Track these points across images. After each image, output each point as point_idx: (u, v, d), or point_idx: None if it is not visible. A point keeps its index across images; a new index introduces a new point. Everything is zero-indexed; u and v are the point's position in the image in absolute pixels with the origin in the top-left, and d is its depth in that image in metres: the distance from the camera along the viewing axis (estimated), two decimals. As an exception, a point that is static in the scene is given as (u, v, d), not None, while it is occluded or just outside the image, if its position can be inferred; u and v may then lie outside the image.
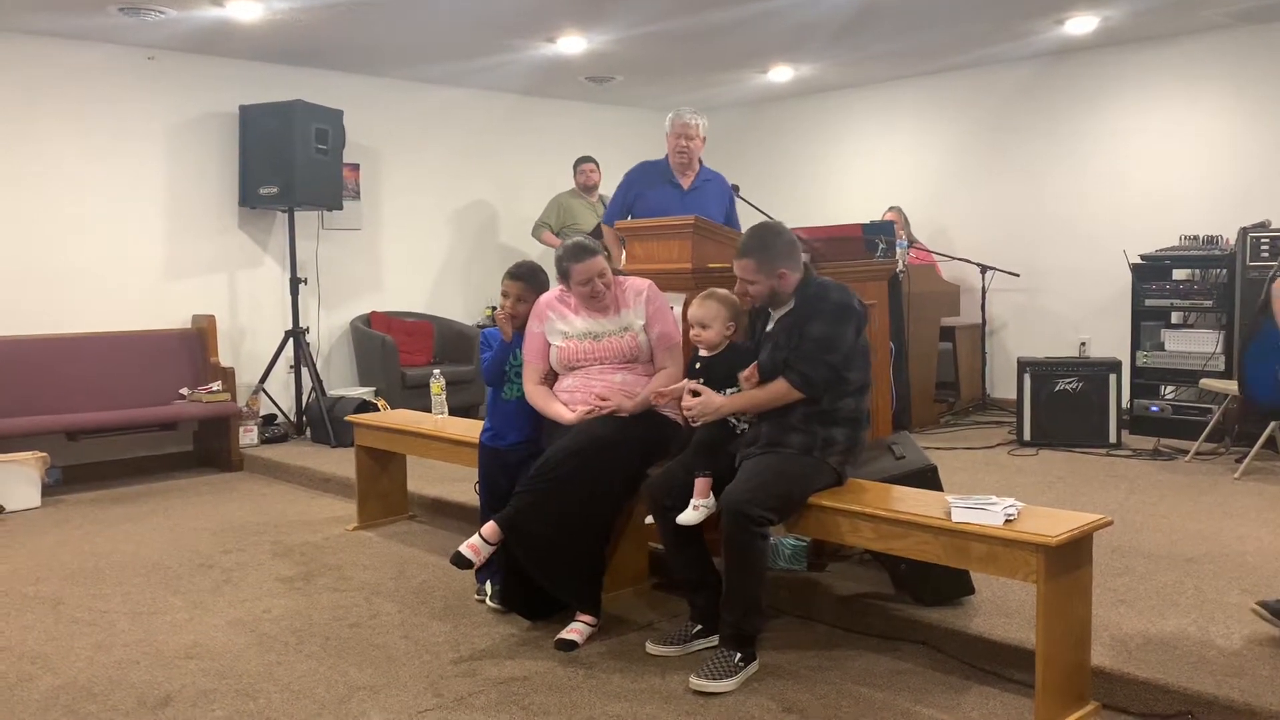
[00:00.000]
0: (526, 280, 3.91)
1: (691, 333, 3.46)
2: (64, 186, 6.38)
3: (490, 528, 3.46)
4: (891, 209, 7.77)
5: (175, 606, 3.92)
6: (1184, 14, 6.36)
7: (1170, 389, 6.42)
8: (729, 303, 3.42)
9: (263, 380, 7.01)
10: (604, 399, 3.64)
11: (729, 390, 3.36)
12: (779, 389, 3.24)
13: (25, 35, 6.16)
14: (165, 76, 6.72)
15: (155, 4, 5.64)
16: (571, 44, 6.72)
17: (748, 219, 5.22)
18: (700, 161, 5.23)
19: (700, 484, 3.28)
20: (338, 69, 7.36)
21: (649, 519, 3.47)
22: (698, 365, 3.46)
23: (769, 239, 3.29)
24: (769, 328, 3.39)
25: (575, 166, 7.68)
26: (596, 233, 5.91)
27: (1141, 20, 6.49)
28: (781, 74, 7.96)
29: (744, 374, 3.31)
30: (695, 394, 3.36)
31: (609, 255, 3.87)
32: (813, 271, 3.38)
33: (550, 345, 3.81)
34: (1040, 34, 6.79)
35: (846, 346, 3.24)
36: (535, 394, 3.83)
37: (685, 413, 3.40)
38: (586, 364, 3.76)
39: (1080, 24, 6.51)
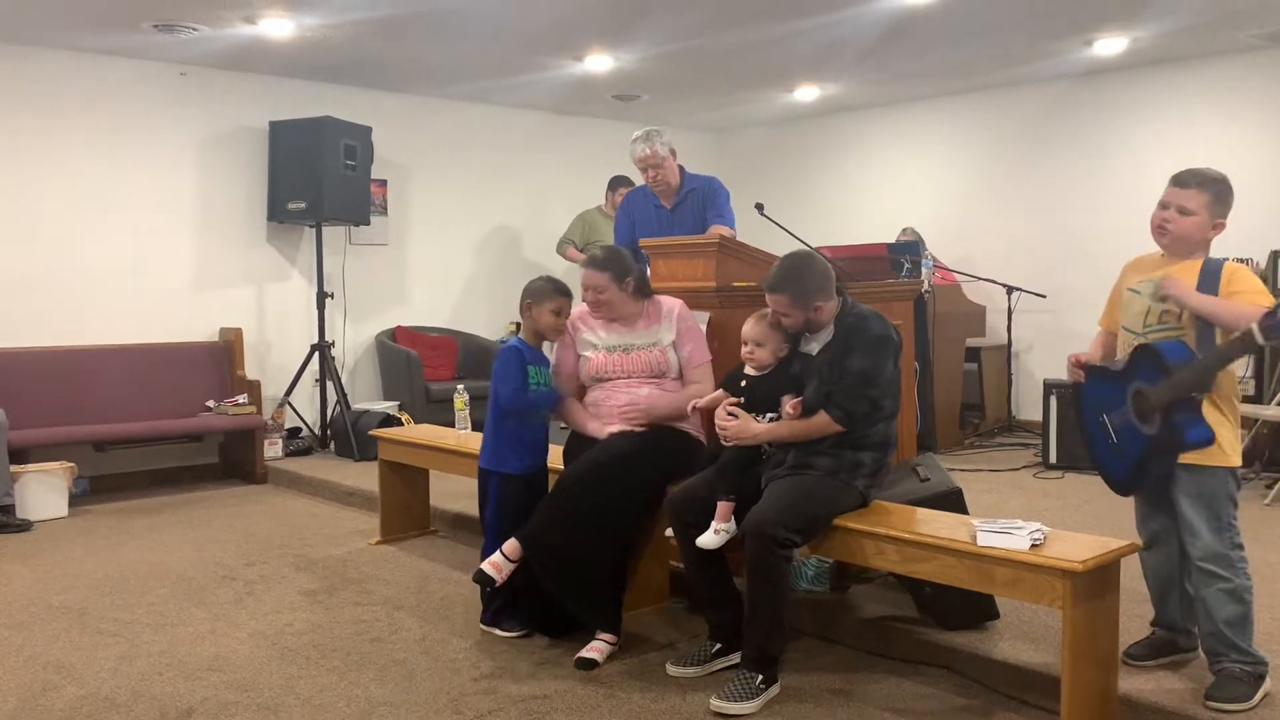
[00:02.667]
0: (570, 295, 3.85)
1: (744, 350, 3.41)
2: (96, 199, 6.47)
3: (512, 545, 3.47)
4: (905, 230, 7.75)
5: (198, 618, 3.94)
6: (1215, 35, 6.32)
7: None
8: (784, 325, 3.38)
9: (288, 393, 7.06)
10: (625, 410, 3.66)
11: (769, 415, 3.33)
12: (820, 422, 3.22)
13: (62, 50, 6.26)
14: (197, 92, 6.81)
15: (189, 21, 5.72)
16: (598, 63, 6.76)
17: (772, 238, 5.22)
18: (682, 170, 5.08)
19: (722, 508, 3.26)
20: (367, 86, 7.43)
21: (669, 531, 3.46)
22: (743, 384, 3.42)
23: (803, 275, 3.24)
24: (804, 349, 3.36)
25: (614, 188, 7.49)
26: None
27: (1172, 41, 6.46)
28: (807, 93, 7.97)
29: (788, 406, 3.27)
30: (731, 414, 3.35)
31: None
32: (849, 299, 3.35)
33: (580, 357, 3.84)
34: (1068, 54, 6.77)
35: (886, 379, 3.23)
36: (566, 408, 3.85)
37: (719, 434, 3.38)
38: (614, 377, 3.78)
39: (1109, 45, 6.49)
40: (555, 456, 3.91)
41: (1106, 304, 3.25)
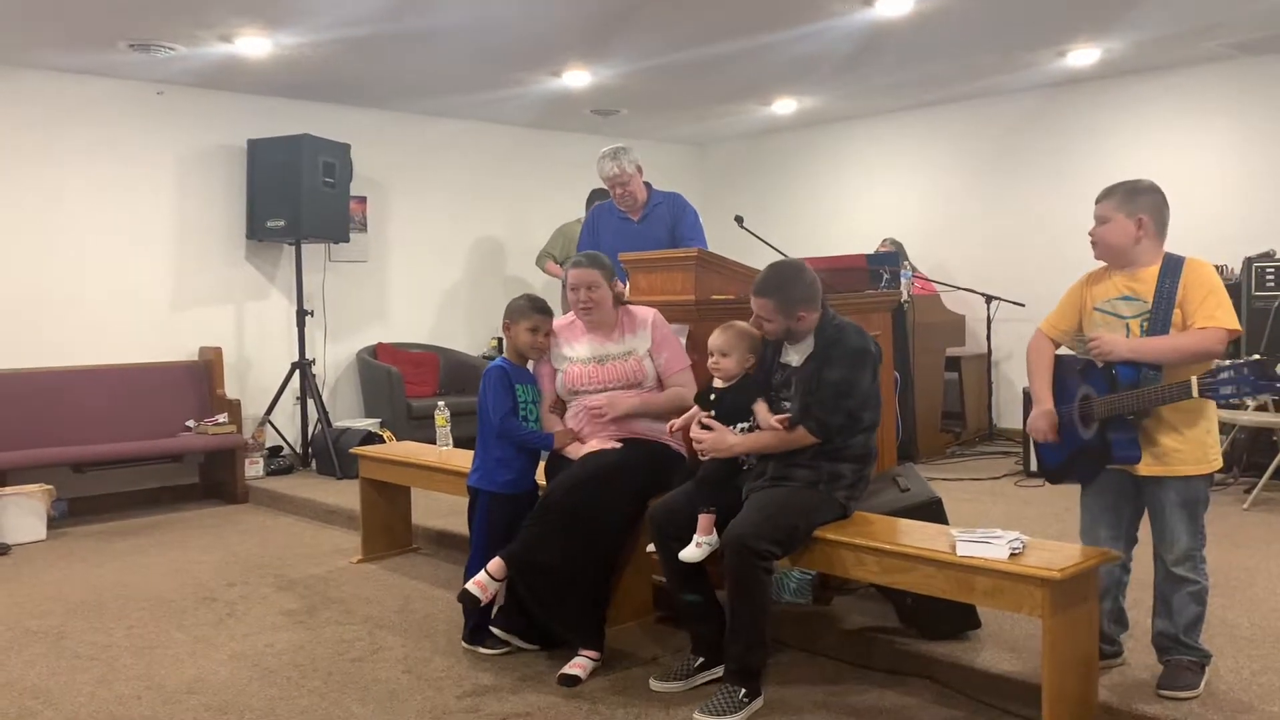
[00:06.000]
0: (550, 313, 3.88)
1: (710, 361, 3.40)
2: (73, 219, 6.43)
3: (496, 564, 3.46)
4: (885, 241, 7.79)
5: (178, 641, 3.91)
6: (1185, 45, 6.39)
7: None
8: (750, 335, 3.38)
9: (268, 412, 7.02)
10: (596, 409, 3.69)
11: (740, 426, 3.33)
12: (796, 434, 3.23)
13: (37, 70, 6.23)
14: (174, 111, 6.78)
15: (165, 40, 5.70)
16: (576, 78, 6.78)
17: (751, 250, 5.25)
18: (649, 187, 5.15)
19: (703, 520, 3.26)
20: (345, 103, 7.42)
21: (650, 547, 3.46)
22: (711, 396, 3.41)
23: (790, 281, 3.27)
24: (783, 359, 3.38)
25: (596, 200, 7.48)
26: None
27: (1143, 52, 6.53)
28: (785, 106, 8.01)
29: (773, 419, 3.27)
30: (706, 427, 3.35)
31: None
32: (830, 311, 3.37)
33: (556, 371, 3.85)
34: (1042, 65, 6.83)
35: (863, 390, 3.23)
36: (544, 421, 3.85)
37: (696, 447, 3.38)
38: (590, 389, 3.78)
39: (1082, 55, 6.55)
40: (538, 473, 3.91)
41: (1057, 312, 3.27)
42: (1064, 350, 3.27)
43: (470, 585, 3.47)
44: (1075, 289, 3.22)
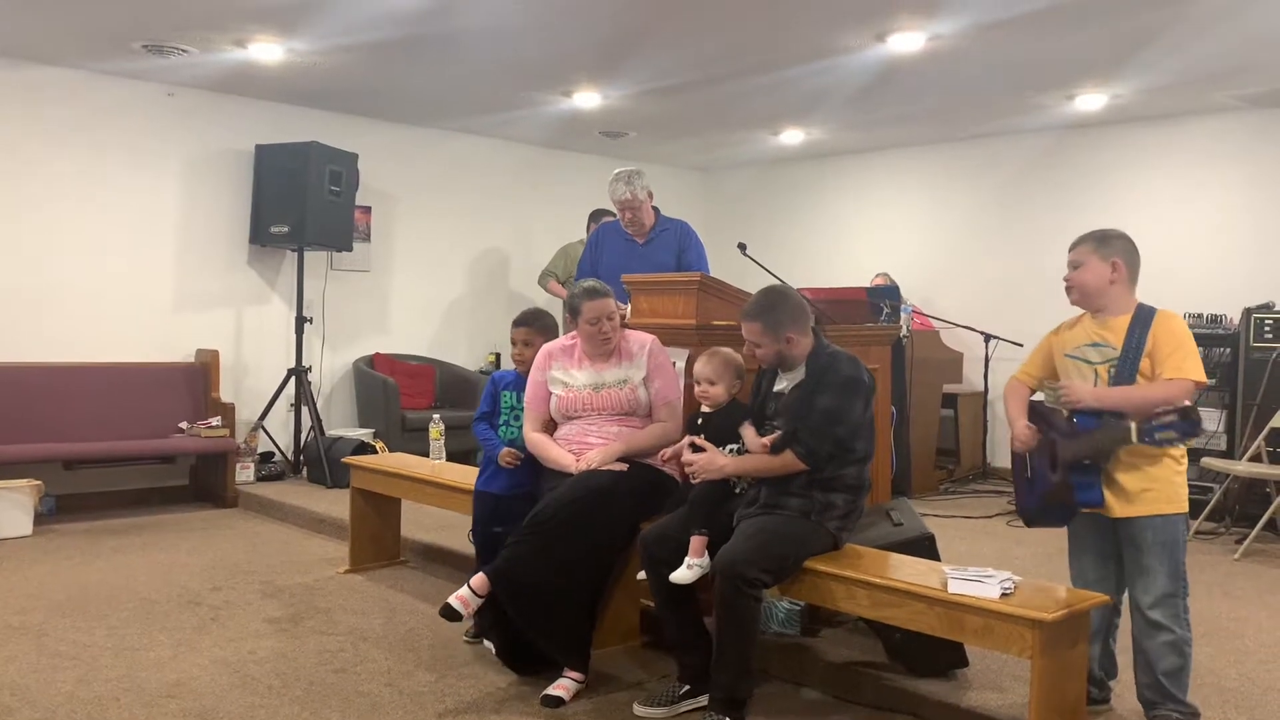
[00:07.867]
0: (531, 324, 3.98)
1: (697, 389, 3.46)
2: (78, 216, 6.43)
3: (479, 579, 3.43)
4: (879, 275, 7.81)
5: (160, 643, 3.88)
6: (1194, 95, 6.44)
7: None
8: (735, 362, 3.46)
9: (262, 417, 7.00)
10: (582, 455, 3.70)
11: (729, 448, 3.35)
12: (785, 459, 3.22)
13: (50, 66, 6.24)
14: (184, 113, 6.80)
15: (179, 43, 5.72)
16: (587, 99, 6.81)
17: (752, 277, 5.24)
18: (657, 212, 5.17)
19: (695, 543, 3.25)
20: (355, 113, 7.45)
21: (641, 575, 3.44)
22: (699, 421, 3.47)
23: (776, 303, 3.31)
24: (776, 388, 3.38)
25: (596, 219, 7.52)
26: None
27: (1151, 99, 6.57)
28: (793, 136, 8.04)
29: (758, 443, 3.29)
30: (697, 449, 3.35)
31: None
32: (824, 340, 3.38)
33: (551, 394, 3.83)
34: (1050, 108, 6.87)
35: (854, 419, 3.23)
36: (536, 441, 3.83)
37: (686, 469, 3.38)
38: (584, 414, 3.77)
39: (1090, 100, 6.59)
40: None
41: (1030, 359, 3.38)
42: (1038, 395, 3.34)
43: (452, 599, 3.43)
44: (1047, 337, 3.33)
